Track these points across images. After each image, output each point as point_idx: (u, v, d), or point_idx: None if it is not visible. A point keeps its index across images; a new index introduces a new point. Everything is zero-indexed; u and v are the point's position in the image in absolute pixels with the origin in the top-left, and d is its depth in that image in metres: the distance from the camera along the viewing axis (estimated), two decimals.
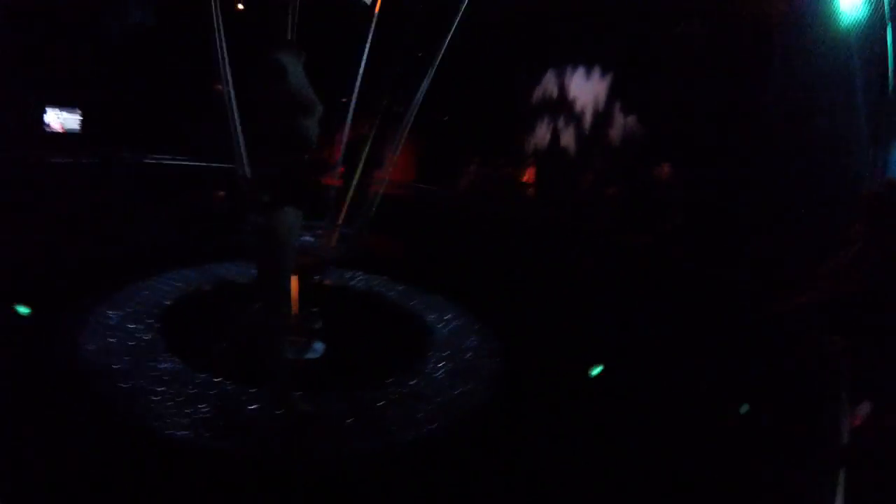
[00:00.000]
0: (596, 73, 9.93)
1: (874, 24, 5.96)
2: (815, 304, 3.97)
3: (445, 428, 3.33)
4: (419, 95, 3.99)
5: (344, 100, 4.61)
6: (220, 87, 3.97)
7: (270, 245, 3.10)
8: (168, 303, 4.75)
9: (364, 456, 2.99)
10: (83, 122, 10.58)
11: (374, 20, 4.15)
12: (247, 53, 4.01)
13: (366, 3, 3.95)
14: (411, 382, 3.84)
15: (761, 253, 6.27)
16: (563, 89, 10.16)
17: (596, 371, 4.39)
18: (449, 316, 5.17)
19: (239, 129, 3.97)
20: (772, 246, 6.34)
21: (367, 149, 4.29)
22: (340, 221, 4.15)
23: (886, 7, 5.84)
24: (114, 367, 3.56)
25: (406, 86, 4.07)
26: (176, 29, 9.42)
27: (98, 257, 5.74)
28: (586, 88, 9.92)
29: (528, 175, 9.12)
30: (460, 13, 3.96)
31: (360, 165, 4.21)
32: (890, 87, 5.83)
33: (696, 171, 7.77)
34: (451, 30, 3.92)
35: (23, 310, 4.26)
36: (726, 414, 3.67)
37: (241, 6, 4.00)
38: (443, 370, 4.09)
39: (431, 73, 3.96)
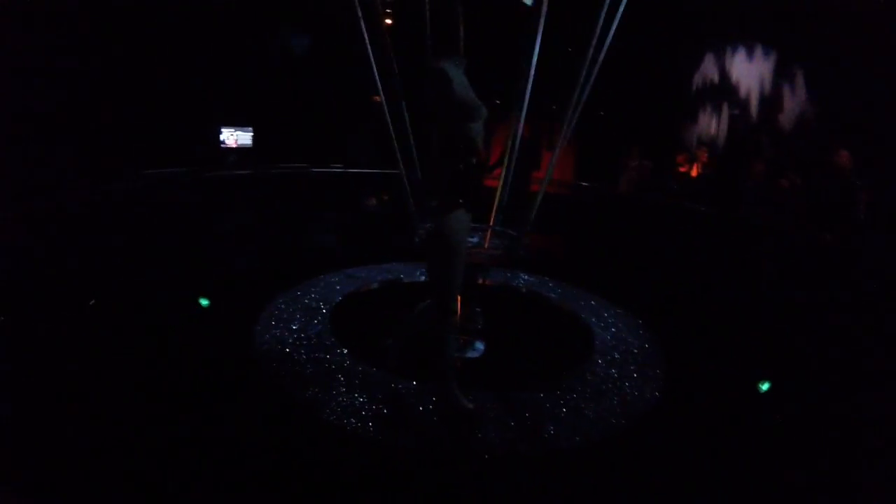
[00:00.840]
0: (758, 52, 9.15)
1: None
2: None
3: (607, 433, 3.26)
4: (577, 94, 3.91)
5: (498, 102, 4.65)
6: (377, 98, 4.16)
7: (442, 248, 3.19)
8: (339, 299, 5.06)
9: (527, 458, 2.99)
10: (255, 138, 11.71)
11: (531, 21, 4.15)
12: (417, 64, 4.21)
13: (527, 4, 3.92)
14: (573, 385, 3.79)
15: None
16: (724, 73, 9.46)
17: (765, 387, 4.08)
18: (611, 318, 5.02)
19: (412, 136, 4.15)
20: None
21: (525, 149, 4.29)
22: (503, 222, 4.19)
23: None
24: (287, 357, 3.89)
25: (563, 84, 4.00)
26: (333, 47, 10.09)
27: (271, 258, 6.33)
28: (749, 70, 9.17)
29: (694, 168, 8.55)
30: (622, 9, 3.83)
31: (520, 166, 4.21)
32: None
33: (879, 157, 6.94)
34: (612, 26, 3.80)
35: (204, 302, 4.85)
36: None
37: (389, 21, 4.15)
38: (604, 374, 4.00)
39: (594, 71, 3.86)
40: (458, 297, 3.82)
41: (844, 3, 7.78)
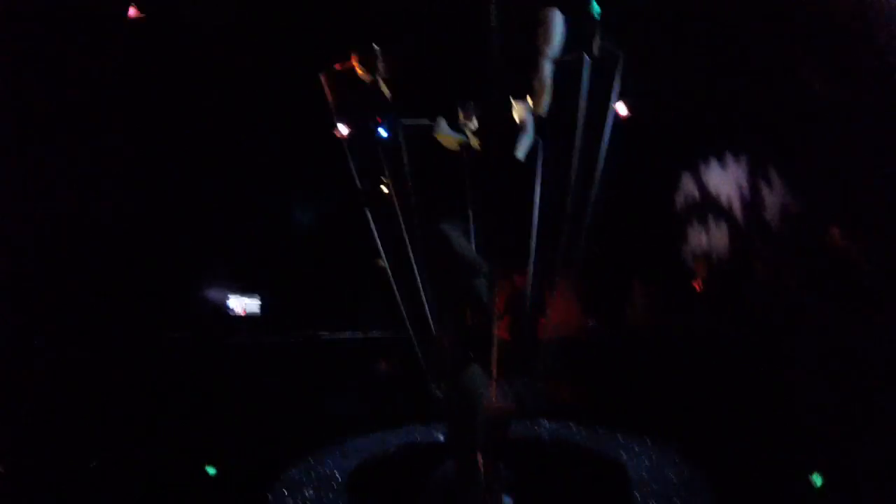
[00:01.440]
0: (729, 159, 9.63)
1: None
2: None
3: None
4: (570, 238, 4.13)
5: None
6: (380, 262, 4.36)
7: (459, 406, 3.21)
8: (356, 467, 4.89)
9: None
10: (262, 306, 11.95)
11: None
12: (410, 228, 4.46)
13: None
14: None
15: None
16: (703, 187, 9.91)
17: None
18: (642, 450, 4.89)
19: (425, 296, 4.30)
20: None
21: (528, 297, 4.42)
22: (518, 373, 4.22)
23: None
24: None
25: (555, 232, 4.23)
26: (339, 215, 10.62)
27: (284, 426, 6.16)
28: (726, 179, 9.60)
29: (697, 286, 8.68)
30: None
31: (525, 315, 4.34)
32: None
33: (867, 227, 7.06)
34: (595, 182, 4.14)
35: (211, 470, 4.71)
36: None
37: (385, 189, 4.49)
38: None
39: (589, 217, 4.12)
40: (480, 455, 3.77)
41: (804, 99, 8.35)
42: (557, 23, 3.98)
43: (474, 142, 4.67)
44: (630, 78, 4.38)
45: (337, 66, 4.86)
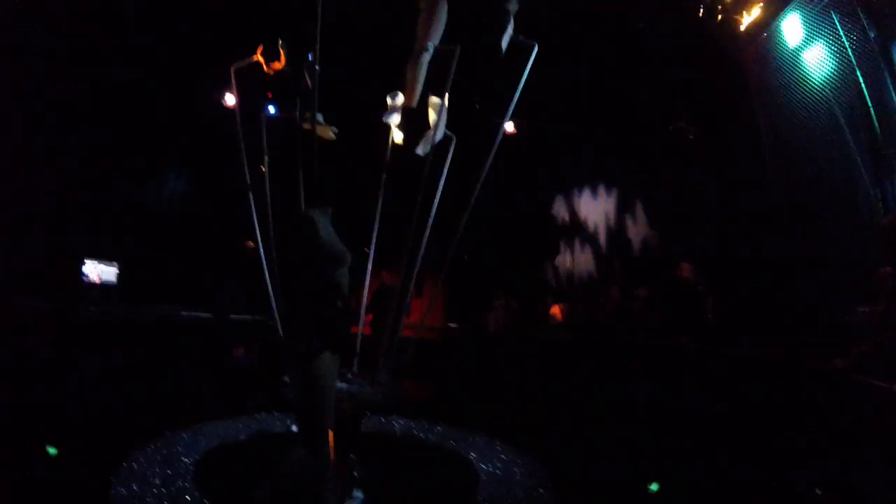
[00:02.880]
0: (601, 190, 10.41)
1: (844, 74, 6.32)
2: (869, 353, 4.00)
3: None
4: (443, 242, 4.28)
5: (366, 249, 4.88)
6: (251, 244, 4.26)
7: (310, 392, 3.20)
8: (205, 453, 4.70)
9: None
10: (120, 276, 11.12)
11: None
12: (278, 212, 4.40)
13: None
14: None
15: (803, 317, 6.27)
16: (573, 212, 10.59)
17: (654, 487, 4.28)
18: (492, 454, 5.07)
19: (270, 284, 4.22)
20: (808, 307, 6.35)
21: (393, 295, 4.51)
22: (374, 368, 4.27)
23: (851, 56, 6.25)
24: None
25: (427, 233, 4.35)
26: (211, 193, 10.19)
27: (131, 409, 5.84)
28: (595, 207, 10.35)
29: (555, 307, 9.26)
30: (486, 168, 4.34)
31: (389, 312, 4.41)
32: (877, 130, 6.14)
33: (715, 264, 7.93)
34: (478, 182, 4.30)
35: (52, 451, 4.38)
36: None
37: (263, 168, 4.40)
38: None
39: (462, 225, 4.27)
40: (331, 444, 3.79)
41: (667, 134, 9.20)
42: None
43: (398, 134, 4.70)
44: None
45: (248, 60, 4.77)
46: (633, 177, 9.95)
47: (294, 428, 5.08)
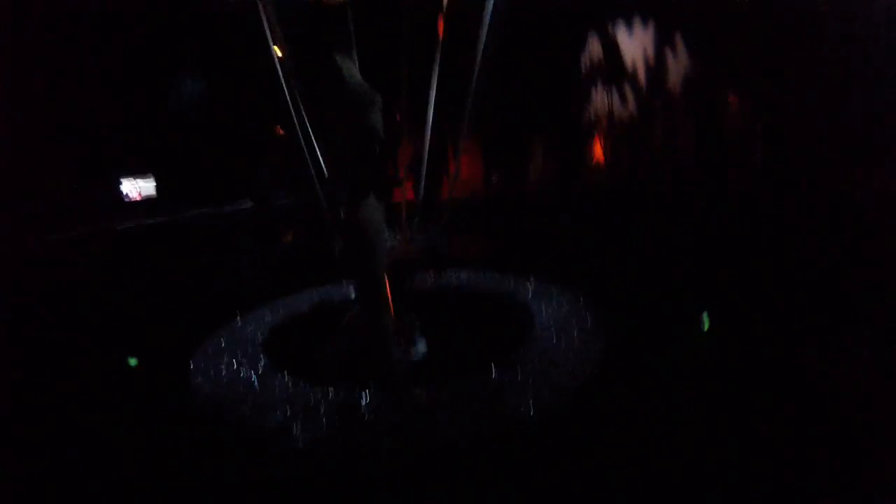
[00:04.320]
0: (637, 23, 9.63)
1: None
2: None
3: (558, 399, 3.31)
4: (469, 99, 4.08)
5: (399, 118, 4.72)
6: (279, 129, 4.15)
7: (359, 241, 3.18)
8: (272, 327, 4.99)
9: (481, 440, 2.98)
10: (158, 187, 11.31)
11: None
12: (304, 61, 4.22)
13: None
14: (522, 358, 3.82)
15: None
16: (609, 49, 9.91)
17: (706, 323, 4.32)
18: (549, 295, 5.12)
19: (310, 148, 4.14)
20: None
21: (428, 158, 4.40)
22: (420, 225, 4.28)
23: None
24: (228, 391, 3.75)
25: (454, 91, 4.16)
26: (229, 86, 9.94)
27: (200, 297, 6.23)
28: (632, 42, 9.65)
29: (596, 148, 8.93)
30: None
31: (425, 174, 4.33)
32: None
33: (765, 98, 7.47)
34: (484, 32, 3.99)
35: (132, 361, 4.70)
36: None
37: (279, 52, 4.18)
38: (547, 346, 4.04)
39: (475, 76, 4.03)
40: (389, 297, 3.87)
41: None
42: None
43: None
44: None
45: None
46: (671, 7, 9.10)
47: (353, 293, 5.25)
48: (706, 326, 4.29)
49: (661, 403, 3.23)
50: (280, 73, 4.01)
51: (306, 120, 4.11)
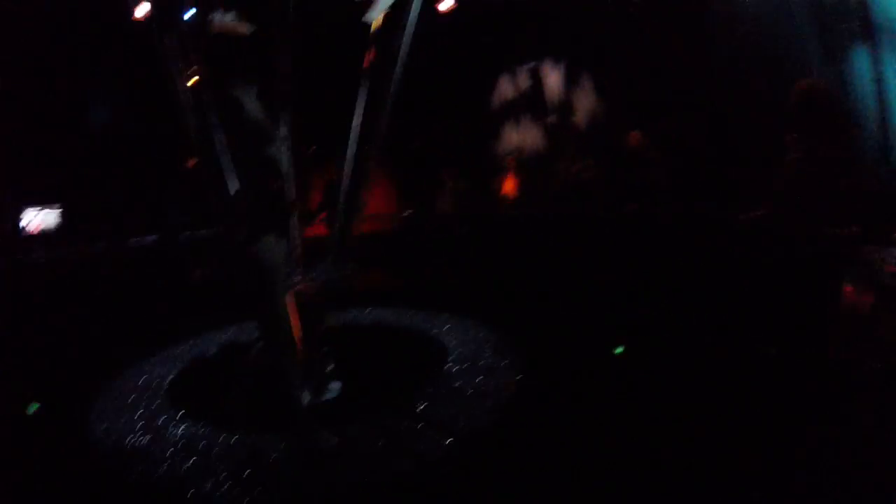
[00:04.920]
0: (548, 64, 10.08)
1: None
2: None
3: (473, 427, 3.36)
4: (381, 130, 4.11)
5: (313, 148, 4.71)
6: (193, 160, 4.03)
7: (258, 276, 3.13)
8: (177, 371, 4.81)
9: (400, 475, 2.98)
10: (64, 218, 10.64)
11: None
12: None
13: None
14: (432, 397, 3.85)
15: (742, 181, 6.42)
16: (518, 89, 10.30)
17: (619, 350, 4.47)
18: (457, 328, 5.23)
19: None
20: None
21: (342, 190, 4.38)
22: (329, 260, 4.23)
23: None
24: (132, 442, 3.59)
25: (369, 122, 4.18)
26: (139, 117, 9.58)
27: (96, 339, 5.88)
28: (543, 80, 10.07)
29: (507, 182, 9.19)
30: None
31: (339, 206, 4.30)
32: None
33: (662, 130, 7.94)
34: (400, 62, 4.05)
35: (33, 406, 4.37)
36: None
37: (193, 79, 4.08)
38: (459, 377, 4.12)
39: (389, 106, 4.07)
40: (296, 334, 3.78)
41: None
42: None
43: None
44: None
45: None
46: (581, 47, 9.61)
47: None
48: (619, 350, 4.45)
49: (578, 429, 3.34)
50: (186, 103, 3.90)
51: (218, 152, 4.02)
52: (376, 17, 4.14)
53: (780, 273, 4.20)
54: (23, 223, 10.65)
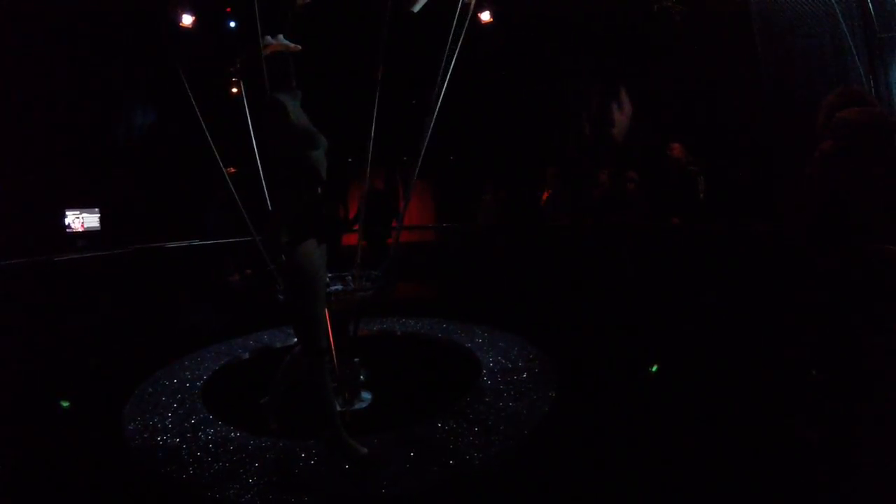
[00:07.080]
0: (590, 77, 9.99)
1: None
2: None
3: (508, 445, 3.31)
4: (423, 143, 4.10)
5: (350, 159, 4.72)
6: (231, 169, 4.08)
7: (297, 281, 3.11)
8: (211, 373, 4.85)
9: (428, 490, 2.92)
10: (102, 219, 10.91)
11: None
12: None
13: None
14: (467, 407, 3.82)
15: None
16: (559, 100, 10.23)
17: (654, 368, 4.37)
18: (495, 340, 5.18)
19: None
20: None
21: (381, 201, 4.38)
22: (366, 269, 4.22)
23: None
24: (162, 442, 3.60)
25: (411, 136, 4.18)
26: (180, 120, 9.76)
27: (136, 341, 5.97)
28: (582, 97, 10.01)
29: (548, 194, 9.09)
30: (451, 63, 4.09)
31: (378, 217, 4.31)
32: (871, 13, 5.85)
33: (703, 143, 7.81)
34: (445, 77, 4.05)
35: (64, 403, 4.46)
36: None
37: (235, 90, 4.15)
38: (495, 393, 4.04)
39: (431, 121, 4.07)
40: (332, 342, 3.77)
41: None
42: None
43: None
44: None
45: None
46: (620, 63, 9.54)
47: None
48: (654, 368, 4.35)
49: (614, 443, 3.30)
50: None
51: (257, 158, 4.07)
52: (419, 8, 4.15)
53: (825, 291, 4.04)
54: (67, 222, 10.95)
